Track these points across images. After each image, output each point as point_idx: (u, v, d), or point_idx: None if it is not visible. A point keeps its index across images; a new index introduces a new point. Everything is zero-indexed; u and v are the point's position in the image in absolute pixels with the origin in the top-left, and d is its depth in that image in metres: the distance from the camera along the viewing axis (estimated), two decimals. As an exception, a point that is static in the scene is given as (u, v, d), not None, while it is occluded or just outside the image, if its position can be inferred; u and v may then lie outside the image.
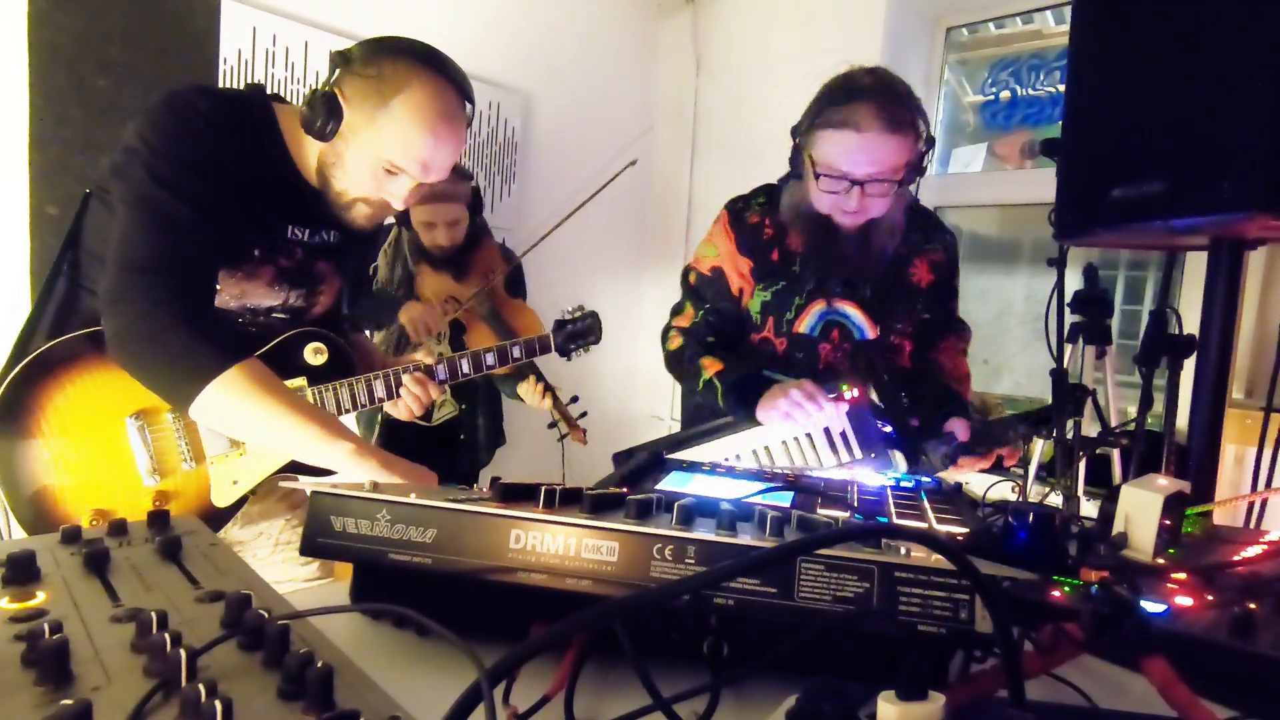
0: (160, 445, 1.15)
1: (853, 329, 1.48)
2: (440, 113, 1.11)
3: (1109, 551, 0.80)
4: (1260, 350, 2.12)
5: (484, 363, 1.37)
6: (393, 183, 1.15)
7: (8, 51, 1.83)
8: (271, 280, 1.21)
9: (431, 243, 2.07)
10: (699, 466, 1.21)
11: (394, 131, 1.10)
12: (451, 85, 1.13)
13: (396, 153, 1.11)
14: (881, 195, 1.32)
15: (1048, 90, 2.71)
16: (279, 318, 1.25)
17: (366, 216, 1.20)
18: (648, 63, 3.51)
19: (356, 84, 1.10)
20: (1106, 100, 1.20)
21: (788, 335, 1.48)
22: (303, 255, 1.24)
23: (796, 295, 1.47)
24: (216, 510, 1.19)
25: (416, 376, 1.31)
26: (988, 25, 2.86)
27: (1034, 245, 2.72)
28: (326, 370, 1.25)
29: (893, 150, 1.28)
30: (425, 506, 0.55)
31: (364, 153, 1.12)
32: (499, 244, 2.33)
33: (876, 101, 1.27)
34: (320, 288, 1.29)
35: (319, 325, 1.29)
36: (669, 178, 3.51)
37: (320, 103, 1.09)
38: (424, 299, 2.13)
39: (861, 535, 0.54)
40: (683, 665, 0.52)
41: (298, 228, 1.22)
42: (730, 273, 1.51)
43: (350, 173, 1.14)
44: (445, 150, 1.14)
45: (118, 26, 1.97)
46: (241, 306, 1.20)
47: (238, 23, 2.18)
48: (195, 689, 0.34)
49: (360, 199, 1.17)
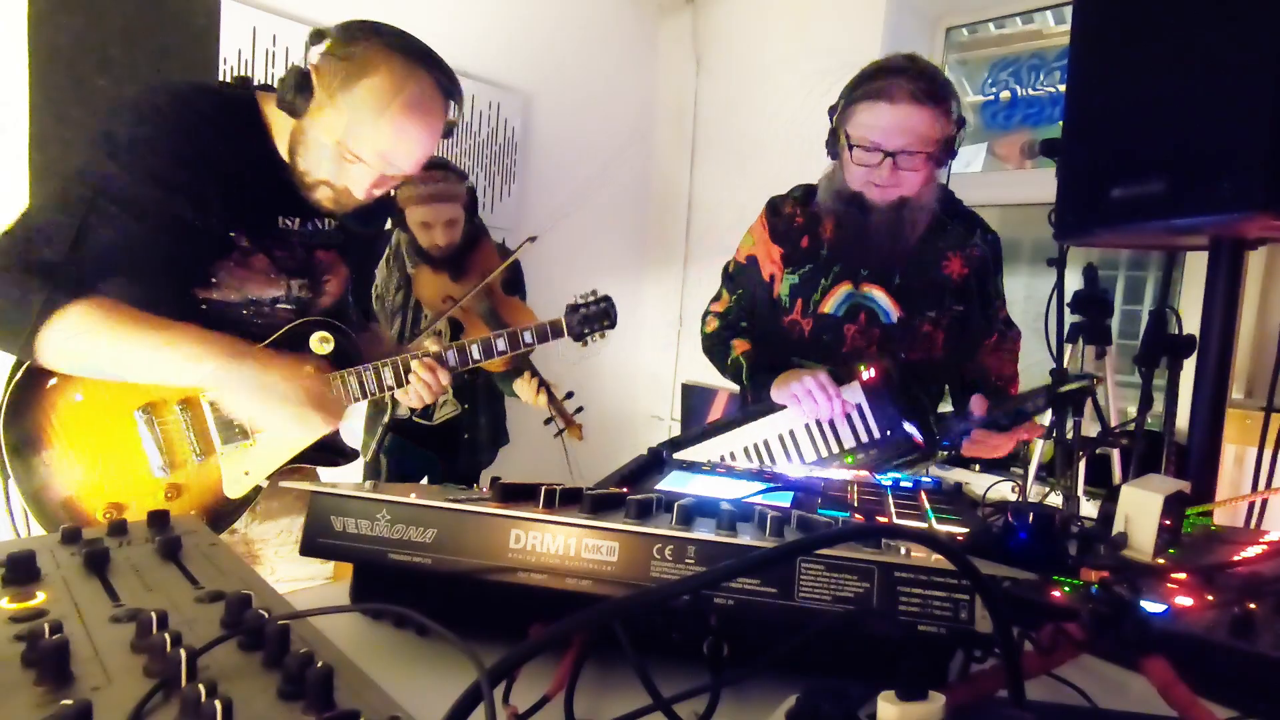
0: (168, 437, 1.14)
1: (879, 312, 1.51)
2: (407, 103, 1.07)
3: (1109, 551, 0.80)
4: (1260, 350, 2.12)
5: (495, 348, 1.34)
6: (353, 170, 1.11)
7: (8, 51, 1.83)
8: (268, 271, 1.19)
9: (429, 243, 2.07)
10: (699, 466, 1.21)
11: (355, 115, 1.06)
12: (427, 77, 1.09)
13: (355, 139, 1.07)
14: (913, 170, 1.35)
15: (1048, 90, 2.71)
16: (285, 309, 1.24)
17: (331, 200, 1.16)
18: (648, 63, 3.51)
19: (329, 63, 1.07)
20: (1106, 100, 1.19)
21: (814, 316, 1.53)
22: (299, 245, 1.22)
23: (823, 277, 1.52)
24: (230, 502, 1.19)
25: (426, 362, 1.28)
26: (988, 25, 2.86)
27: (1034, 245, 2.72)
28: (333, 359, 1.24)
29: (924, 122, 1.31)
30: (425, 506, 0.55)
31: (325, 134, 1.08)
32: (497, 244, 2.32)
33: (908, 74, 1.31)
34: (325, 278, 1.28)
35: (327, 316, 1.27)
36: (669, 178, 3.51)
37: (292, 77, 1.07)
38: (422, 299, 2.13)
39: (861, 535, 0.54)
40: (683, 665, 0.52)
41: (287, 218, 1.19)
42: (763, 259, 1.58)
43: (312, 152, 1.11)
44: (409, 144, 1.09)
45: (118, 26, 1.97)
46: (245, 299, 1.19)
47: (238, 23, 2.18)
48: (195, 689, 0.34)
49: (322, 181, 1.13)
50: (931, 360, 1.55)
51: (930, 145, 1.33)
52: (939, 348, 1.55)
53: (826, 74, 1.41)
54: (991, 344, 1.58)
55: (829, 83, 1.45)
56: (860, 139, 1.35)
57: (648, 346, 3.58)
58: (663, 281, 3.53)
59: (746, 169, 3.16)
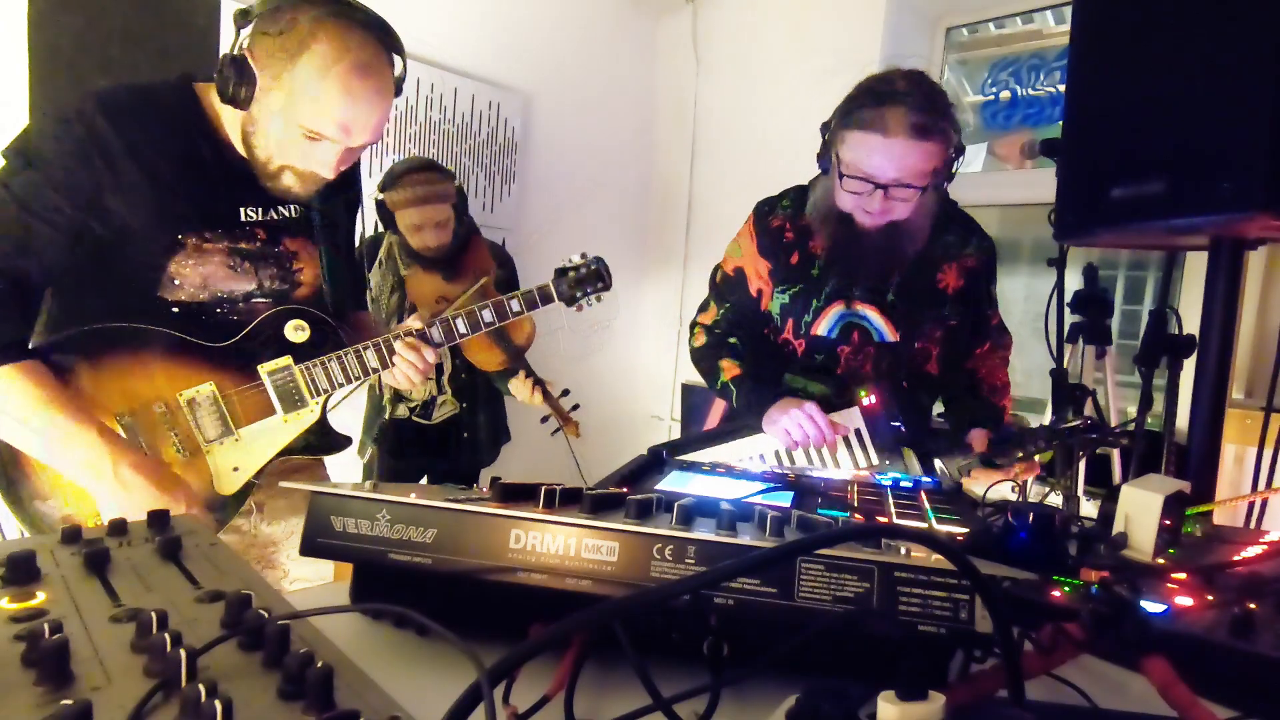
0: (153, 440, 1.13)
1: (873, 331, 1.47)
2: (354, 66, 1.02)
3: (1109, 551, 0.80)
4: (1260, 350, 2.12)
5: (481, 320, 1.29)
6: (316, 149, 1.08)
7: (8, 51, 1.83)
8: (230, 264, 1.15)
9: (420, 245, 2.07)
10: (699, 466, 1.21)
11: (305, 92, 1.02)
12: (368, 34, 1.04)
13: (310, 116, 1.03)
14: (904, 200, 1.31)
15: (1048, 90, 2.70)
16: (261, 303, 1.20)
17: (299, 185, 1.12)
18: (648, 63, 3.51)
19: (263, 43, 1.02)
20: (1106, 100, 1.19)
21: (806, 337, 1.49)
22: (264, 235, 1.18)
23: (814, 298, 1.47)
24: (223, 498, 1.18)
25: (409, 341, 1.24)
26: (988, 25, 2.86)
27: (1034, 245, 2.72)
28: (311, 346, 1.21)
29: (919, 157, 1.26)
30: (425, 506, 0.55)
31: (278, 117, 1.04)
32: (491, 244, 2.33)
33: (906, 106, 1.25)
34: (294, 266, 1.23)
35: (305, 304, 1.23)
36: (669, 178, 3.51)
37: (229, 67, 1.03)
38: (416, 301, 2.13)
39: (861, 535, 0.54)
40: (683, 665, 0.52)
41: (250, 208, 1.16)
42: (751, 274, 1.53)
43: (269, 139, 1.07)
44: (365, 108, 1.05)
45: (118, 26, 1.97)
46: (215, 297, 1.15)
47: (238, 23, 2.18)
48: (195, 689, 0.34)
49: (285, 166, 1.10)
50: (925, 373, 1.54)
51: (924, 179, 1.29)
52: (933, 360, 1.53)
53: (827, 74, 1.38)
54: (983, 352, 1.56)
55: (831, 84, 1.43)
56: (852, 167, 1.30)
57: (648, 346, 3.59)
58: (663, 281, 3.53)
59: (747, 168, 3.16)
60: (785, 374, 1.53)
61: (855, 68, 1.39)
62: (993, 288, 1.56)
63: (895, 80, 1.30)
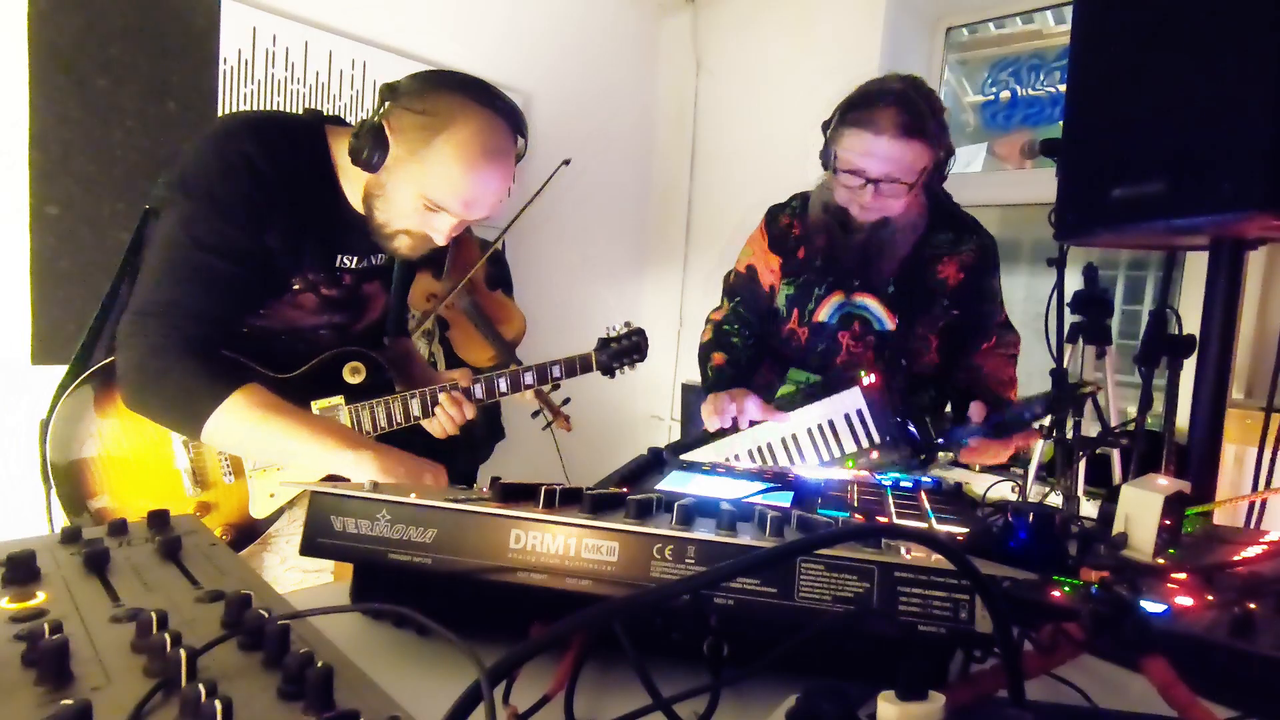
0: (201, 459, 1.18)
1: (873, 320, 1.54)
2: (486, 150, 1.08)
3: (1109, 551, 0.80)
4: (1260, 350, 2.12)
5: (522, 382, 1.37)
6: (435, 218, 1.13)
7: (8, 51, 1.83)
8: (317, 309, 1.21)
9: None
10: (699, 466, 1.21)
11: (438, 169, 1.08)
12: (500, 119, 1.10)
13: (439, 190, 1.09)
14: (894, 196, 1.38)
15: (1048, 90, 2.70)
16: (323, 334, 1.26)
17: (409, 247, 1.18)
18: (648, 63, 3.50)
19: (403, 118, 1.08)
20: (1106, 100, 1.19)
21: (809, 325, 1.57)
22: (350, 281, 1.24)
23: (816, 287, 1.55)
24: (255, 521, 1.22)
25: (453, 396, 1.31)
26: (988, 25, 2.86)
27: (1034, 245, 2.72)
28: (364, 388, 1.26)
29: (907, 154, 1.34)
30: (425, 506, 0.55)
31: (407, 187, 1.10)
32: (480, 240, 2.34)
33: (896, 106, 1.33)
34: (366, 306, 1.30)
35: (363, 338, 1.30)
36: (669, 178, 3.51)
37: (368, 134, 1.07)
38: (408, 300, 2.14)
39: (861, 535, 0.54)
40: (683, 665, 0.52)
41: (346, 256, 1.21)
42: (762, 270, 1.62)
43: (393, 205, 1.12)
44: (491, 188, 1.11)
45: (118, 26, 1.96)
46: (286, 327, 1.21)
47: (238, 23, 2.18)
48: (195, 689, 0.34)
49: (402, 230, 1.15)
50: (927, 365, 1.56)
51: (913, 175, 1.36)
52: (934, 352, 1.56)
53: (827, 74, 1.40)
54: (988, 347, 1.58)
55: (831, 84, 1.44)
56: (845, 162, 1.38)
57: (648, 347, 3.58)
58: (663, 282, 3.52)
59: (747, 169, 3.16)
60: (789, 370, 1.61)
61: (855, 68, 1.41)
62: (996, 284, 1.59)
63: (890, 83, 1.38)
